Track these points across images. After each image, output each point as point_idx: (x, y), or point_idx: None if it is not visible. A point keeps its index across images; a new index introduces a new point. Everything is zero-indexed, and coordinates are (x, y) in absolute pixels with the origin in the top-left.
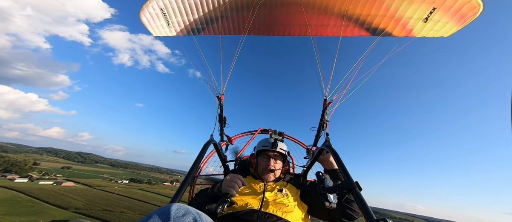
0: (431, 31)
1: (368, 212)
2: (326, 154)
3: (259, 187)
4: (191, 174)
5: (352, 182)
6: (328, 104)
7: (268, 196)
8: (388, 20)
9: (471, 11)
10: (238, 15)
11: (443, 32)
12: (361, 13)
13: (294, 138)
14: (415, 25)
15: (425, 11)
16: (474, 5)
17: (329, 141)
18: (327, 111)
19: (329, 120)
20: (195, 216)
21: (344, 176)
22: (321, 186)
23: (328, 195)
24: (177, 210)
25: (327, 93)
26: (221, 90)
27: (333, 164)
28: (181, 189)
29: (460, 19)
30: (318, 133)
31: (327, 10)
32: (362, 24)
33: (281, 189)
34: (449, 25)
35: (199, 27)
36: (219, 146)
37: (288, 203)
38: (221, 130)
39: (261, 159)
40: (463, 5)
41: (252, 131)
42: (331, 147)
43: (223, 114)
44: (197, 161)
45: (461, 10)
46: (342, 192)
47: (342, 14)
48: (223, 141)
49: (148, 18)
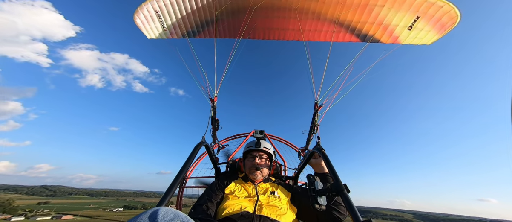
0: (415, 39)
1: (355, 213)
2: (318, 158)
3: (251, 190)
4: (180, 176)
5: (341, 184)
6: (319, 108)
7: (262, 199)
8: (376, 27)
9: (450, 21)
10: (234, 19)
11: (426, 40)
12: (351, 20)
13: (285, 140)
14: (401, 33)
15: (409, 20)
16: (452, 15)
17: (320, 144)
18: (318, 114)
19: (320, 123)
20: (184, 220)
21: (334, 178)
22: (312, 188)
23: (318, 198)
24: (165, 214)
25: (318, 97)
26: (215, 92)
27: (324, 168)
28: (169, 192)
29: (440, 28)
30: (309, 136)
31: (319, 16)
32: (353, 30)
33: (273, 191)
34: (431, 34)
35: (194, 30)
36: (211, 148)
37: (281, 206)
38: (213, 132)
39: (247, 160)
40: (443, 15)
41: (244, 133)
42: (322, 150)
43: (216, 116)
44: (187, 162)
45: (442, 20)
46: (331, 194)
47: (333, 20)
48: (215, 143)
49: (142, 20)
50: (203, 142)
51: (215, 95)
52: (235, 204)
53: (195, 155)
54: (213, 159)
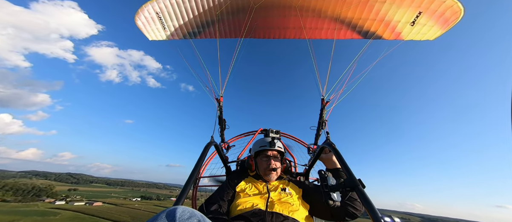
0: (418, 34)
1: (373, 209)
2: (328, 153)
3: (262, 187)
4: (194, 176)
5: (355, 179)
6: (326, 103)
7: (273, 195)
8: (378, 24)
9: (453, 15)
10: (235, 19)
11: (429, 35)
12: (353, 17)
13: (294, 137)
14: (403, 29)
15: (411, 15)
16: (456, 10)
17: (329, 139)
18: (325, 109)
19: (327, 118)
20: (200, 219)
21: (347, 173)
22: (324, 184)
23: (331, 194)
24: (183, 212)
25: (324, 93)
26: (220, 92)
27: (335, 163)
28: (185, 191)
29: (444, 23)
30: (318, 132)
31: (320, 14)
32: (354, 27)
33: (284, 188)
34: (434, 29)
35: (196, 31)
36: (220, 147)
37: (293, 202)
38: (221, 132)
39: (260, 160)
40: (446, 10)
41: (252, 131)
42: (333, 145)
43: (222, 116)
44: (198, 162)
45: (445, 15)
46: (345, 190)
47: (335, 18)
48: (223, 142)
49: (143, 22)
50: (212, 142)
51: (221, 95)
52: (246, 202)
53: (205, 154)
54: (223, 158)
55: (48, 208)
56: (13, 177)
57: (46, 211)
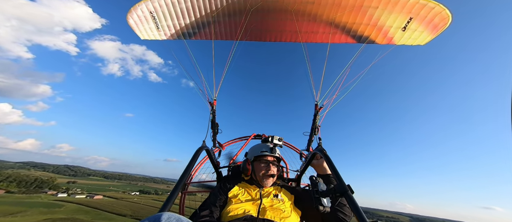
0: (409, 39)
1: (360, 214)
2: (320, 160)
3: (255, 193)
4: (182, 181)
5: (345, 185)
6: (319, 109)
7: (265, 202)
8: (371, 29)
9: (442, 21)
10: (231, 21)
11: (420, 40)
12: (347, 21)
13: (287, 143)
14: (395, 34)
15: (403, 21)
16: (444, 16)
17: (321, 145)
18: (318, 115)
19: (320, 124)
20: None
21: (337, 179)
22: (315, 190)
23: (322, 199)
24: (168, 219)
25: (318, 98)
26: (214, 96)
27: (326, 169)
28: (172, 197)
29: (433, 28)
30: (311, 138)
31: (316, 18)
32: (348, 32)
33: (276, 194)
34: (425, 34)
35: (190, 32)
36: (211, 152)
37: (285, 209)
38: (213, 136)
39: (258, 165)
40: (435, 16)
41: (245, 136)
42: (324, 151)
43: (215, 120)
44: (188, 167)
45: (434, 21)
46: (335, 195)
47: (330, 22)
48: (215, 147)
49: (135, 21)
50: (204, 147)
51: (214, 99)
52: (238, 208)
53: (196, 159)
54: (214, 163)
55: (51, 200)
56: (12, 168)
57: (50, 203)
